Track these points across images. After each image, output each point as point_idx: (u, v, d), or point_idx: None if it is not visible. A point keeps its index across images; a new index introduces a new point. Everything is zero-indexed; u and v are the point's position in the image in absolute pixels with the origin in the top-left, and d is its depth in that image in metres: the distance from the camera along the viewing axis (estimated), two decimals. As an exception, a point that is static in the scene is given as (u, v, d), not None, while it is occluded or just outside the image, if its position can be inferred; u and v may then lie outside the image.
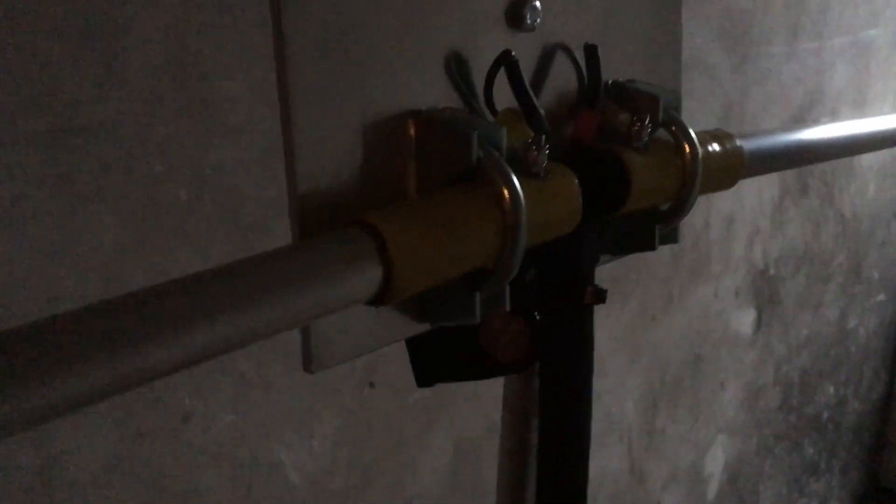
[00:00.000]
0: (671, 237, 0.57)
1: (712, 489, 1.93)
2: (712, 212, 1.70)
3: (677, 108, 0.53)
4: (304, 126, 0.39)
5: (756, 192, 1.83)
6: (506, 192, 0.41)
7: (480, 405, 1.32)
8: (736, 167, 0.56)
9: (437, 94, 0.46)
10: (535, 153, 0.44)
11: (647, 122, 0.51)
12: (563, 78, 0.53)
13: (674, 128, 0.52)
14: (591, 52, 0.52)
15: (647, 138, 0.51)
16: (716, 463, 1.93)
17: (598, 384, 1.52)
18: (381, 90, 0.43)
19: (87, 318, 0.30)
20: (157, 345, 0.29)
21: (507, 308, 0.47)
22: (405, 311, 0.46)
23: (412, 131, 0.44)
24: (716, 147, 0.55)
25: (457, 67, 0.47)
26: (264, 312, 0.31)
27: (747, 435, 2.03)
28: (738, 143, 0.56)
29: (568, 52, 0.52)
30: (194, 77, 0.87)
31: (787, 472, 2.24)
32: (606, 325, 1.51)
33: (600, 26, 0.54)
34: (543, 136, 0.45)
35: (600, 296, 0.54)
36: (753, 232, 1.86)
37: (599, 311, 0.95)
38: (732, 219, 1.77)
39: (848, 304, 2.31)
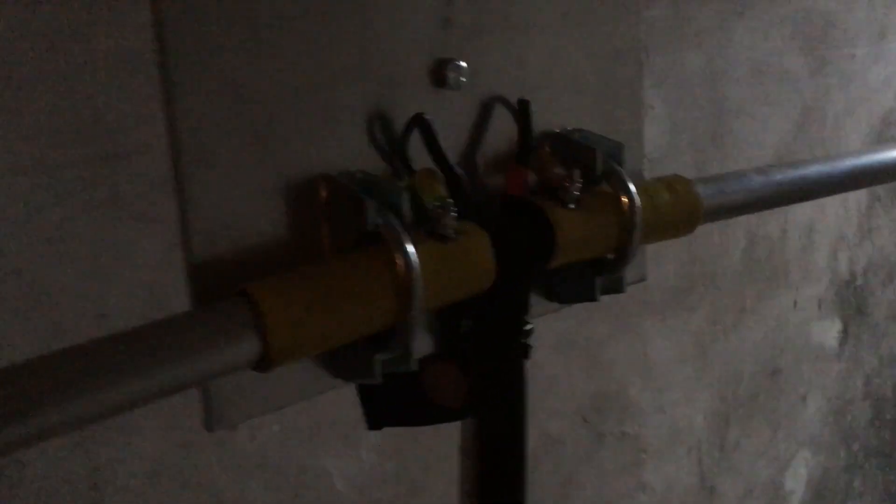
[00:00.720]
0: (616, 287, 0.56)
1: (794, 505, 1.87)
2: (789, 221, 1.64)
3: (618, 159, 0.53)
4: (198, 188, 0.40)
5: (840, 199, 1.76)
6: (399, 256, 0.42)
7: (535, 418, 1.32)
8: (693, 214, 0.55)
9: (358, 154, 0.47)
10: (442, 215, 0.45)
11: (577, 177, 0.51)
12: (502, 131, 0.53)
13: (613, 179, 0.52)
14: (522, 107, 0.52)
15: (577, 193, 0.51)
16: (797, 479, 1.87)
17: (663, 398, 1.50)
18: (293, 153, 0.44)
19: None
20: (47, 413, 0.31)
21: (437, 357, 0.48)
22: (313, 368, 0.47)
23: (324, 194, 0.45)
24: (666, 196, 0.54)
25: (381, 128, 0.47)
26: (148, 377, 0.33)
27: (833, 450, 1.95)
28: (697, 189, 0.55)
29: (508, 104, 0.52)
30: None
31: (881, 487, 2.15)
32: (671, 338, 1.48)
33: (544, 76, 0.53)
34: (451, 200, 0.45)
35: (524, 351, 0.54)
36: (837, 240, 1.79)
37: (662, 323, 0.92)
38: (813, 228, 1.71)
39: (949, 315, 2.19)
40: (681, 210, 0.54)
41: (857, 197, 1.80)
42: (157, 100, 0.88)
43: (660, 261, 1.44)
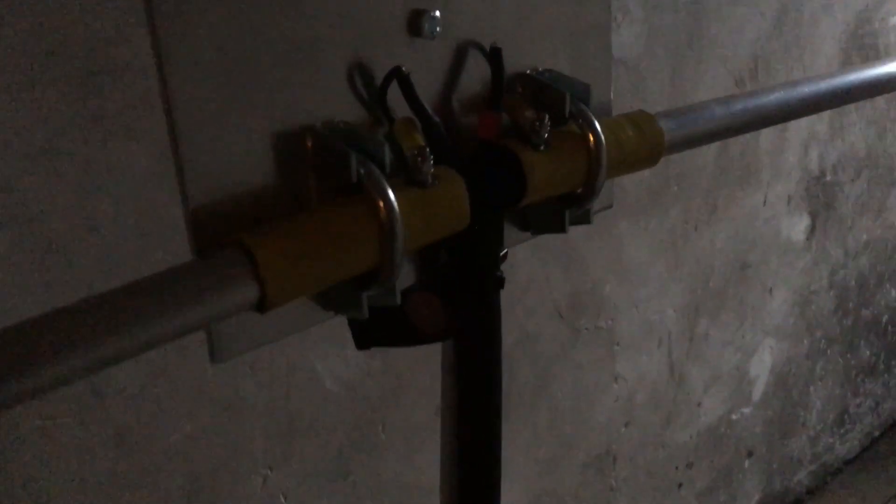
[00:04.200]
0: (585, 218, 0.61)
1: (758, 390, 1.97)
2: (762, 120, 1.67)
3: (586, 100, 0.56)
4: (192, 143, 0.43)
5: (813, 97, 1.78)
6: (381, 204, 0.46)
7: (513, 316, 1.38)
8: (656, 148, 0.59)
9: (341, 105, 0.50)
10: (420, 163, 0.48)
11: (546, 120, 0.54)
12: (476, 75, 0.56)
13: (580, 120, 0.55)
14: (494, 54, 0.55)
15: (546, 135, 0.54)
16: (762, 365, 1.96)
17: (636, 293, 1.56)
18: (280, 104, 0.47)
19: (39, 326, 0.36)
20: (60, 364, 0.35)
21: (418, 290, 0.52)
22: (307, 303, 0.51)
23: (309, 145, 0.48)
24: (630, 132, 0.57)
25: (361, 79, 0.50)
26: (161, 326, 0.38)
27: (797, 338, 2.04)
28: (660, 124, 0.58)
29: (482, 50, 0.55)
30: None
31: (841, 373, 2.25)
32: (645, 236, 1.53)
33: (515, 21, 0.56)
34: (427, 148, 0.49)
35: (499, 282, 0.59)
36: (809, 137, 1.82)
37: (636, 223, 0.95)
38: (786, 126, 1.74)
39: (915, 207, 2.25)
40: (645, 145, 0.58)
41: (831, 94, 1.83)
42: (139, 14, 0.88)
43: (635, 162, 1.47)
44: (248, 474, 1.10)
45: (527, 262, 1.36)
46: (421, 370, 1.25)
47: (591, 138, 0.55)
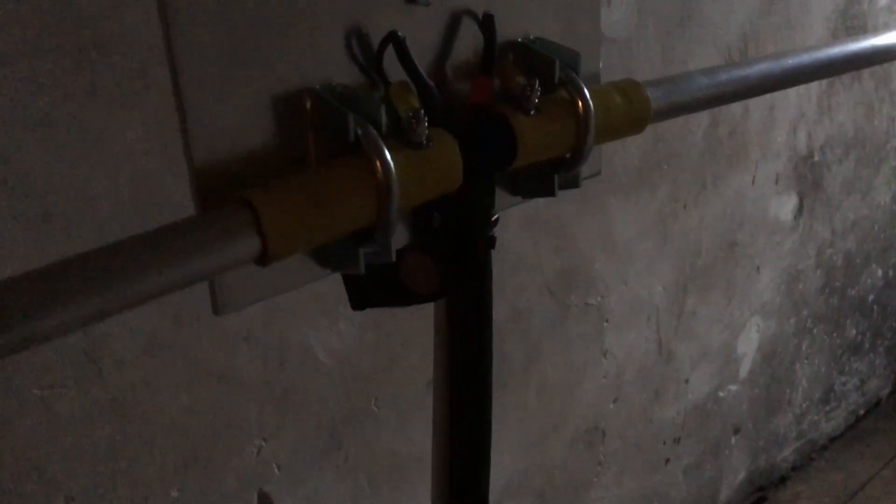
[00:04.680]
0: (573, 182, 0.62)
1: (745, 368, 1.99)
2: (751, 100, 1.68)
3: (576, 67, 0.57)
4: (196, 104, 0.45)
5: (802, 77, 1.80)
6: (378, 164, 0.48)
7: (503, 292, 1.39)
8: (642, 115, 0.60)
9: (339, 68, 0.51)
10: (415, 124, 0.50)
11: (536, 86, 0.56)
12: (469, 41, 0.57)
13: (569, 86, 0.57)
14: (486, 21, 0.57)
15: (536, 100, 0.56)
16: (749, 343, 1.99)
17: (625, 270, 1.58)
18: (280, 66, 0.48)
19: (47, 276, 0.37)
20: (70, 309, 0.37)
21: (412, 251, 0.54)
22: (306, 260, 0.53)
23: (308, 106, 0.50)
24: (617, 100, 0.59)
25: (357, 43, 0.52)
26: (168, 275, 0.40)
27: (784, 316, 2.07)
28: (647, 93, 0.60)
29: (475, 17, 0.56)
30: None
31: (827, 351, 2.28)
32: (634, 214, 1.55)
33: None
34: (422, 110, 0.50)
35: (490, 243, 0.61)
36: (797, 118, 1.84)
37: (626, 201, 0.95)
38: (774, 106, 1.76)
39: (902, 188, 2.28)
40: (632, 112, 0.59)
41: (819, 75, 1.84)
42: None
43: (626, 142, 1.49)
44: (243, 445, 1.12)
45: (517, 238, 1.37)
46: (413, 345, 1.27)
47: (580, 104, 0.57)
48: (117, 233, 0.92)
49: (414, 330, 1.26)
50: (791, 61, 0.67)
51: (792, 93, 1.79)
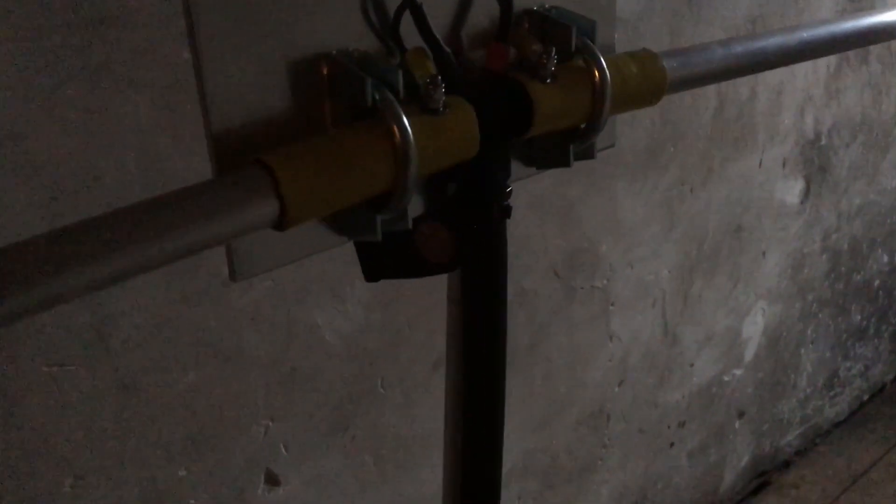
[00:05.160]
0: (588, 153, 0.62)
1: (750, 352, 1.99)
2: (759, 83, 1.68)
3: (592, 36, 0.57)
4: (214, 68, 0.45)
5: (809, 62, 1.79)
6: (396, 129, 0.47)
7: (509, 274, 1.39)
8: (658, 86, 0.60)
9: (355, 34, 0.51)
10: (432, 90, 0.50)
11: (553, 54, 0.55)
12: (485, 8, 0.57)
13: (586, 55, 0.57)
14: None
15: (552, 69, 0.55)
16: (755, 327, 1.98)
17: (631, 254, 1.58)
18: (296, 32, 0.48)
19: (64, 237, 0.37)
20: (87, 270, 0.37)
21: (427, 219, 0.54)
22: (323, 227, 0.53)
23: (325, 71, 0.50)
24: (633, 69, 0.58)
25: (374, 9, 0.51)
26: (186, 237, 0.39)
27: (790, 301, 2.06)
28: (663, 63, 0.60)
29: None
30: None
31: (832, 336, 2.28)
32: (641, 197, 1.54)
33: None
34: (439, 76, 0.50)
35: (506, 212, 0.60)
36: (805, 101, 1.83)
37: (632, 184, 0.95)
38: (782, 89, 1.75)
39: (908, 173, 2.27)
40: (647, 82, 0.59)
41: (826, 59, 1.83)
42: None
43: (633, 124, 1.48)
44: (250, 425, 1.12)
45: (524, 220, 1.37)
46: (419, 326, 1.27)
47: (596, 73, 0.57)
48: (125, 210, 0.93)
49: (420, 311, 1.26)
50: (807, 34, 0.66)
51: (799, 76, 1.78)
